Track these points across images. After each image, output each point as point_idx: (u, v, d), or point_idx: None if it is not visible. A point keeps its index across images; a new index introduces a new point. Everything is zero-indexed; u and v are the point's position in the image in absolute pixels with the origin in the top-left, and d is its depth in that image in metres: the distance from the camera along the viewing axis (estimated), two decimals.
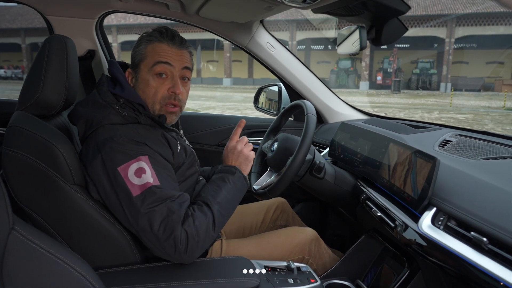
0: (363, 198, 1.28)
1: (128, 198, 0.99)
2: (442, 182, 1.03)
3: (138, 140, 1.05)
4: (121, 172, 1.00)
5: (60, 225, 1.03)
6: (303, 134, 1.26)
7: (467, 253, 0.84)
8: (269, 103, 2.15)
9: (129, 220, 1.00)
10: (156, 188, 1.00)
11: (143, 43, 1.15)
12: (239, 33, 1.72)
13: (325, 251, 1.42)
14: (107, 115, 1.08)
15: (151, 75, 1.14)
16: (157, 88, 1.14)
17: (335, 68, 26.64)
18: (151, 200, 0.99)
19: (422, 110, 13.90)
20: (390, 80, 24.11)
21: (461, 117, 12.12)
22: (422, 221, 0.98)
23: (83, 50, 1.66)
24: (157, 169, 1.03)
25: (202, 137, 2.01)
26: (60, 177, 0.98)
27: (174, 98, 1.16)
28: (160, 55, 1.13)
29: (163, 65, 1.13)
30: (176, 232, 0.98)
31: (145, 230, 0.98)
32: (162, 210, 0.99)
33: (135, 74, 1.17)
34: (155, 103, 1.15)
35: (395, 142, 1.21)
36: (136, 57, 1.16)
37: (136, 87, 1.16)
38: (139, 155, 1.02)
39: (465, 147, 1.26)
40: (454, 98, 17.83)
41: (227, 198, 1.12)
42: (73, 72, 1.13)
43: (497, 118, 12.20)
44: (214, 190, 1.13)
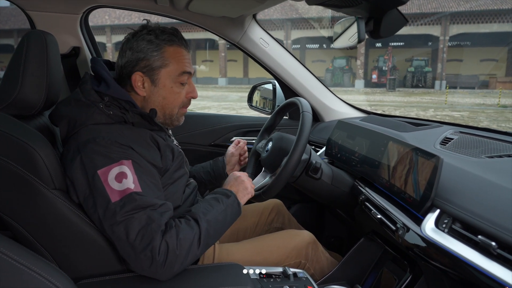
0: (362, 199, 1.22)
1: (105, 204, 0.92)
2: (446, 182, 0.97)
3: (123, 142, 0.98)
4: (100, 176, 0.93)
5: (41, 233, 0.96)
6: (298, 133, 1.21)
7: (474, 258, 0.78)
8: (263, 101, 2.09)
9: (104, 227, 0.94)
10: (136, 195, 0.93)
11: (159, 47, 1.08)
12: (231, 29, 1.66)
13: (322, 254, 1.36)
14: (91, 115, 1.02)
15: (175, 82, 1.11)
16: (180, 94, 1.14)
17: (330, 67, 26.64)
18: (130, 207, 0.92)
19: (417, 108, 13.90)
20: (385, 78, 24.14)
21: (456, 114, 12.13)
22: (425, 223, 0.93)
23: (67, 47, 1.59)
24: (140, 175, 0.97)
25: (195, 137, 1.95)
26: (40, 181, 0.92)
27: (190, 101, 1.19)
28: (185, 64, 1.11)
29: (187, 75, 1.13)
30: (154, 242, 0.91)
31: (120, 239, 0.92)
32: (141, 218, 0.92)
33: (152, 80, 1.10)
34: (175, 108, 1.14)
35: (395, 141, 1.16)
36: (153, 62, 1.08)
37: (154, 92, 1.11)
38: (122, 158, 0.96)
39: (468, 144, 1.21)
40: (449, 95, 17.87)
41: (217, 219, 1.06)
42: (55, 69, 1.06)
43: (492, 115, 12.23)
44: (205, 208, 1.07)
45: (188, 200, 1.19)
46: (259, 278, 1.06)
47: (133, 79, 1.09)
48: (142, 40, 1.08)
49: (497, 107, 14.77)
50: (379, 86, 24.92)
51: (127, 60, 1.09)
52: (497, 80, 23.58)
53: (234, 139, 1.94)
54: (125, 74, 1.10)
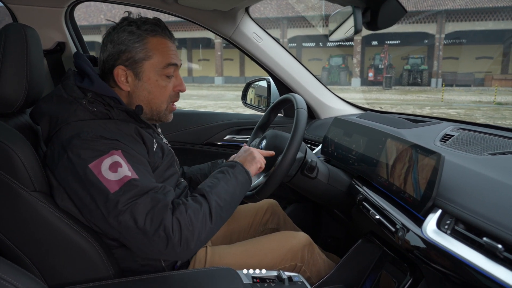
0: (360, 199, 1.18)
1: (104, 196, 0.87)
2: (447, 181, 0.93)
3: (108, 136, 0.93)
4: (93, 169, 0.88)
5: (20, 238, 0.91)
6: (293, 131, 1.16)
7: (479, 261, 0.74)
8: (258, 99, 2.05)
9: (108, 221, 0.88)
10: (136, 181, 0.89)
11: (141, 38, 1.02)
12: (223, 23, 1.60)
13: (319, 257, 1.31)
14: (74, 112, 0.96)
15: (160, 75, 1.05)
16: (166, 87, 1.07)
17: (327, 65, 26.66)
18: (132, 194, 0.87)
19: (413, 106, 13.92)
20: (382, 77, 24.19)
21: (453, 112, 12.14)
22: (427, 225, 0.88)
23: (52, 43, 1.53)
24: (133, 163, 0.92)
25: (186, 136, 1.89)
26: (18, 183, 0.87)
27: (178, 95, 1.12)
28: (169, 55, 1.05)
29: (173, 67, 1.07)
30: (166, 221, 0.86)
31: (129, 227, 0.86)
32: (145, 201, 0.88)
33: (135, 73, 1.04)
34: (163, 103, 1.08)
35: (393, 138, 1.11)
36: (135, 54, 1.02)
37: (139, 86, 1.05)
38: (111, 149, 0.91)
39: (469, 141, 1.16)
40: (445, 93, 17.91)
41: (226, 190, 1.00)
42: (36, 65, 1.01)
43: (488, 112, 12.26)
44: (211, 182, 1.02)
45: None
46: (252, 283, 1.01)
47: (116, 73, 1.03)
48: (123, 32, 1.02)
49: (493, 104, 14.81)
50: (376, 84, 24.96)
51: (108, 54, 1.03)
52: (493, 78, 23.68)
53: (227, 137, 1.89)
54: (108, 69, 1.04)
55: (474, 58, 25.83)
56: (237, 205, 1.05)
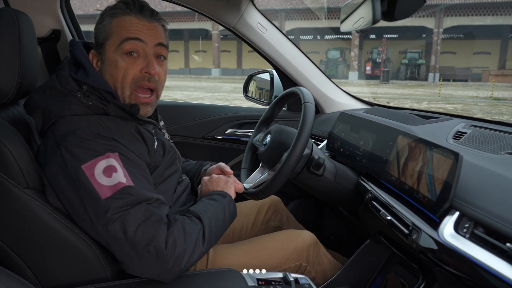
0: (369, 198, 1.13)
1: (95, 202, 0.82)
2: (464, 181, 0.88)
3: (106, 135, 0.88)
4: (85, 171, 0.82)
5: (12, 237, 0.86)
6: (300, 126, 1.10)
7: (502, 268, 0.69)
8: (259, 92, 1.99)
9: (96, 228, 0.83)
10: (130, 189, 0.83)
11: (107, 17, 0.97)
12: (227, 12, 1.54)
13: (324, 256, 1.27)
14: (68, 105, 0.91)
15: (119, 54, 0.95)
16: (127, 68, 0.95)
17: (324, 59, 26.56)
18: (124, 202, 0.82)
19: (411, 100, 13.90)
20: (379, 70, 24.15)
21: (450, 107, 12.13)
22: (444, 228, 0.83)
23: (47, 30, 1.46)
24: (129, 168, 0.87)
25: (187, 129, 1.84)
26: (10, 180, 0.82)
27: (149, 79, 0.97)
28: (128, 30, 0.94)
29: (133, 41, 0.94)
30: (159, 236, 0.82)
31: (118, 238, 0.81)
32: (137, 212, 0.82)
33: (100, 56, 0.98)
34: (125, 87, 0.96)
35: (405, 135, 1.06)
36: (99, 35, 0.97)
37: (103, 70, 0.98)
38: (107, 151, 0.85)
39: (483, 139, 1.12)
40: (443, 88, 17.89)
41: (218, 217, 1.00)
42: (30, 53, 0.95)
43: (485, 108, 12.26)
44: (204, 206, 1.00)
45: (180, 200, 1.09)
46: (257, 285, 0.96)
47: (90, 58, 0.98)
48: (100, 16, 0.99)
49: (490, 100, 14.82)
50: (373, 78, 24.93)
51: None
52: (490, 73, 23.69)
53: (229, 131, 1.84)
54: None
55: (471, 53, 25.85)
56: (223, 232, 1.04)
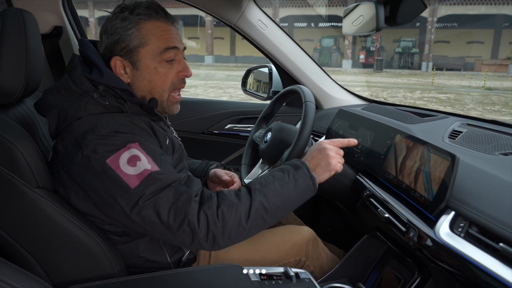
0: (366, 195, 1.16)
1: (125, 192, 0.83)
2: (460, 182, 0.91)
3: (123, 130, 0.89)
4: (111, 165, 0.84)
5: (24, 236, 0.89)
6: (301, 125, 1.13)
7: (495, 267, 0.73)
8: (257, 84, 2.00)
9: (131, 218, 0.84)
10: (157, 174, 0.85)
11: (133, 23, 0.96)
12: (228, 9, 1.55)
13: (322, 251, 1.32)
14: (84, 106, 0.92)
15: (158, 62, 0.98)
16: (167, 74, 1.00)
17: (318, 46, 26.43)
18: (154, 188, 0.84)
19: (404, 90, 13.95)
20: (373, 59, 24.14)
21: (443, 96, 12.22)
22: (440, 226, 0.87)
23: (49, 27, 1.45)
24: (152, 154, 0.88)
25: (186, 124, 1.86)
26: (21, 180, 0.84)
27: (183, 81, 1.05)
28: (167, 39, 0.98)
29: (172, 50, 0.99)
30: (190, 215, 0.83)
31: (153, 222, 0.84)
32: (168, 195, 0.84)
33: (132, 63, 0.98)
34: (165, 91, 1.01)
35: (403, 134, 1.09)
36: (130, 42, 0.96)
37: (138, 76, 0.99)
38: (128, 142, 0.87)
39: (478, 139, 1.15)
40: (436, 77, 17.98)
41: (278, 193, 0.90)
42: (35, 52, 0.96)
43: (477, 98, 12.37)
44: (265, 178, 0.93)
45: None
46: (259, 280, 1.00)
47: (113, 65, 0.98)
48: (115, 19, 0.96)
49: (482, 89, 14.93)
50: (367, 67, 24.92)
51: (105, 46, 0.98)
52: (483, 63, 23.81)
53: (228, 126, 1.86)
54: (106, 61, 0.99)
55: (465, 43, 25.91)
56: (290, 211, 0.95)
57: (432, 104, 10.50)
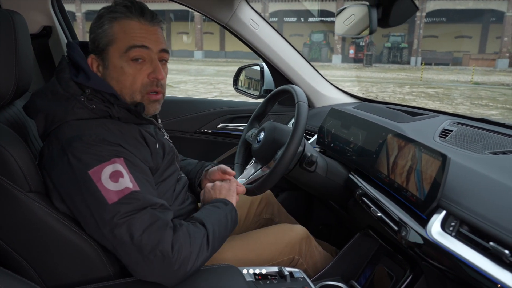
0: (359, 194, 1.18)
1: (102, 207, 0.83)
2: (451, 181, 0.93)
3: (111, 140, 0.89)
4: (92, 176, 0.84)
5: (16, 240, 0.88)
6: (294, 125, 1.14)
7: (485, 265, 0.75)
8: (248, 81, 2.00)
9: (102, 233, 0.84)
10: (137, 194, 0.85)
11: (106, 21, 0.95)
12: (220, 9, 1.54)
13: (315, 249, 1.33)
14: (71, 109, 0.91)
15: (125, 61, 0.94)
16: (135, 75, 0.96)
17: (308, 41, 26.45)
18: (131, 207, 0.84)
19: (393, 85, 14.05)
20: (363, 54, 24.25)
21: (431, 91, 12.33)
22: (431, 226, 0.88)
23: (38, 27, 1.43)
24: (134, 173, 0.88)
25: (179, 124, 1.85)
26: (13, 184, 0.83)
27: (157, 84, 0.98)
28: (133, 37, 0.94)
29: (139, 49, 0.94)
30: (165, 240, 0.84)
31: (124, 242, 0.83)
32: (143, 217, 0.84)
33: (102, 61, 0.97)
34: (135, 92, 0.97)
35: (395, 134, 1.10)
36: (100, 40, 0.95)
37: (107, 76, 0.97)
38: (113, 156, 0.86)
39: (468, 138, 1.17)
40: (424, 72, 18.13)
41: (221, 223, 1.01)
42: (25, 54, 0.94)
43: (465, 92, 12.51)
44: (207, 213, 1.01)
45: (179, 198, 1.11)
46: (254, 280, 1.01)
47: (89, 63, 0.97)
48: (94, 18, 0.97)
49: (470, 84, 15.11)
50: (356, 62, 25.04)
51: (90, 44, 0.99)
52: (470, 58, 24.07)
53: (220, 125, 1.85)
54: None
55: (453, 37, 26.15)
56: (225, 239, 1.05)
57: (421, 99, 10.58)
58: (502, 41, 23.05)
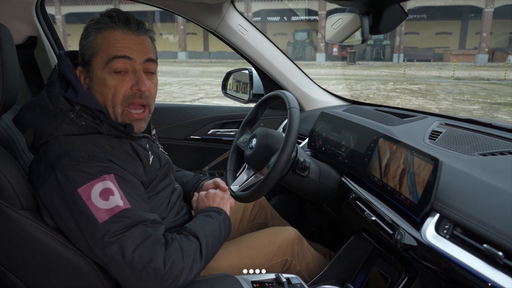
0: (352, 198, 1.19)
1: (92, 226, 0.82)
2: (443, 184, 0.94)
3: (101, 156, 0.87)
4: (82, 195, 0.82)
5: (9, 259, 0.86)
6: (287, 132, 1.14)
7: (480, 267, 0.77)
8: (236, 84, 2.00)
9: (93, 251, 0.84)
10: (128, 211, 0.84)
11: (91, 33, 0.93)
12: (208, 15, 1.53)
13: (307, 250, 1.34)
14: (60, 125, 0.89)
15: (108, 72, 0.92)
16: (116, 87, 0.93)
17: (292, 40, 26.55)
18: (122, 225, 0.83)
19: (377, 82, 14.20)
20: (346, 52, 24.44)
21: (414, 87, 12.51)
22: (426, 229, 0.90)
23: (22, 37, 1.40)
24: (125, 189, 0.87)
25: (169, 131, 1.83)
26: (4, 202, 0.82)
27: (140, 96, 0.96)
28: (115, 47, 0.92)
29: (120, 59, 0.92)
30: (157, 257, 0.84)
31: (116, 260, 0.83)
32: (134, 234, 0.84)
33: (88, 73, 0.95)
34: (116, 105, 0.94)
35: (386, 137, 1.11)
36: (85, 52, 0.94)
37: (91, 88, 0.95)
38: (103, 173, 0.85)
39: (457, 139, 1.19)
40: (407, 68, 18.38)
41: (214, 234, 1.03)
42: (11, 67, 0.92)
43: (447, 88, 12.74)
44: (201, 224, 1.02)
45: (174, 209, 1.11)
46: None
47: (78, 75, 0.96)
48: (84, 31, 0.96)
49: (451, 79, 15.38)
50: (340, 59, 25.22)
51: None
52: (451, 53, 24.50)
53: (211, 131, 1.85)
54: None
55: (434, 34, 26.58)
56: (219, 248, 1.07)
57: (404, 95, 10.73)
58: (481, 36, 23.54)
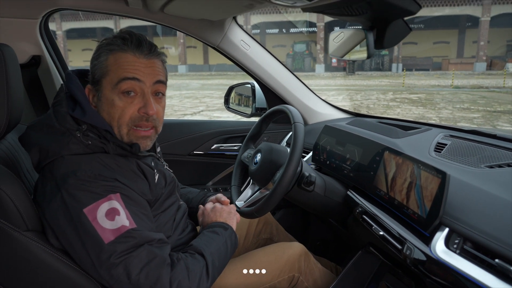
0: (359, 212, 1.18)
1: (98, 246, 0.81)
2: (450, 198, 0.94)
3: (107, 175, 0.87)
4: (88, 215, 0.82)
5: (15, 281, 0.85)
6: (292, 146, 1.14)
7: (492, 283, 0.75)
8: (238, 98, 2.01)
9: (99, 272, 0.83)
10: (134, 231, 0.84)
11: (103, 53, 0.94)
12: (211, 32, 1.54)
13: (314, 265, 1.32)
14: (66, 144, 0.89)
15: (116, 93, 0.93)
16: (124, 108, 0.93)
17: (291, 52, 26.73)
18: (128, 246, 0.82)
19: (377, 92, 14.25)
20: (345, 62, 24.58)
21: (414, 97, 12.54)
22: (435, 243, 0.89)
23: (26, 57, 1.41)
24: (131, 208, 0.87)
25: (173, 147, 1.83)
26: (9, 224, 0.81)
27: (147, 119, 0.96)
28: (126, 69, 0.92)
29: (130, 81, 0.92)
30: (163, 278, 0.83)
31: (121, 281, 0.82)
32: (140, 255, 0.83)
33: (97, 92, 0.96)
34: (122, 125, 0.94)
35: (391, 151, 1.11)
36: (96, 72, 0.95)
37: (99, 107, 0.96)
38: (109, 193, 0.85)
39: (463, 151, 1.19)
40: (406, 78, 18.47)
41: (220, 251, 1.02)
42: (16, 87, 0.93)
43: (447, 96, 12.76)
44: (206, 241, 1.01)
45: (179, 227, 1.10)
46: None
47: (87, 93, 0.96)
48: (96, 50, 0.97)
49: (451, 88, 15.43)
50: (339, 70, 25.39)
51: None
52: (449, 62, 24.64)
53: (214, 146, 1.84)
54: None
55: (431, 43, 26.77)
56: (226, 264, 1.06)
57: (404, 104, 10.75)
58: (479, 45, 23.69)
